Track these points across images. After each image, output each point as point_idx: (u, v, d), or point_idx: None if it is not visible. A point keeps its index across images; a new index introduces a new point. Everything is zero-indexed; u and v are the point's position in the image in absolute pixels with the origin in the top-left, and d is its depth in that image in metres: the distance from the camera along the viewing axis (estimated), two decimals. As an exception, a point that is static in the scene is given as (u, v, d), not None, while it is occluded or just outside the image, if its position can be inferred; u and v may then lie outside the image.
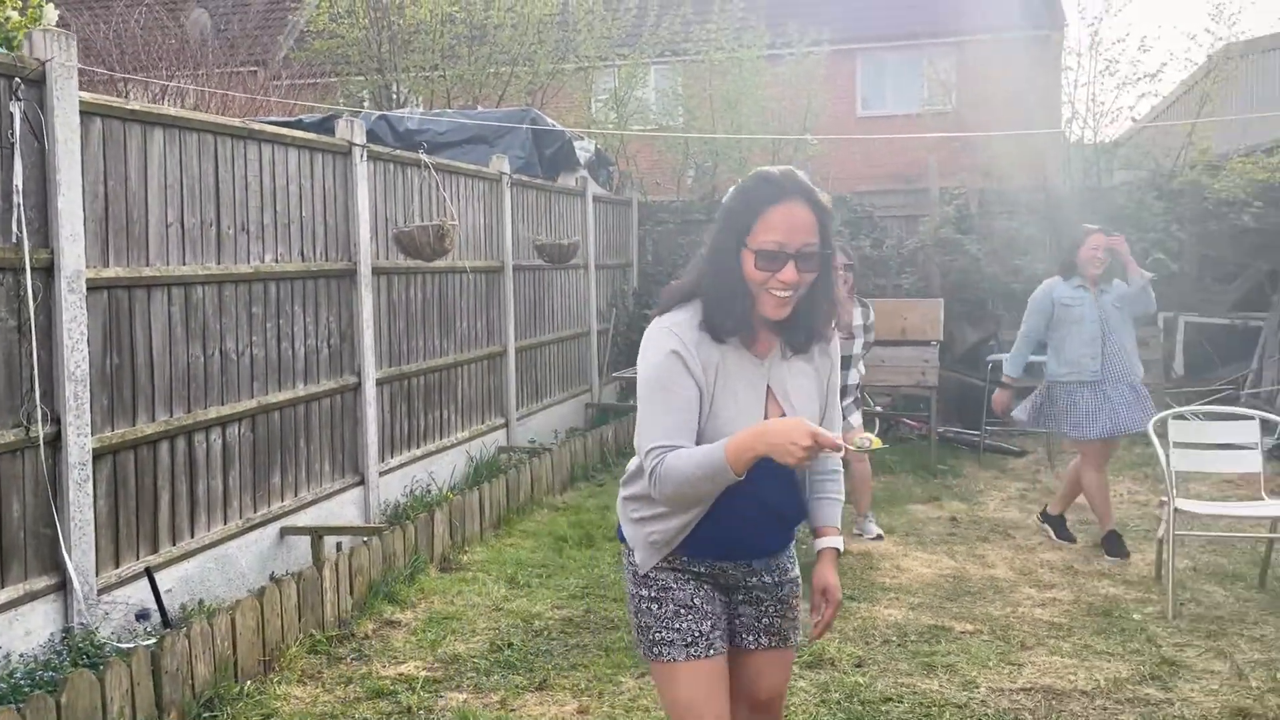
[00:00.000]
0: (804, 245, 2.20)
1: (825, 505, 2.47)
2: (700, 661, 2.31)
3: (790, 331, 2.31)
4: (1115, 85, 11.85)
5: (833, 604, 2.44)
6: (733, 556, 2.36)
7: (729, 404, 2.24)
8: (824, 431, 2.05)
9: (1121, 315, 5.79)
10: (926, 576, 5.45)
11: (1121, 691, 3.96)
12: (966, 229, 10.36)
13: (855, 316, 6.10)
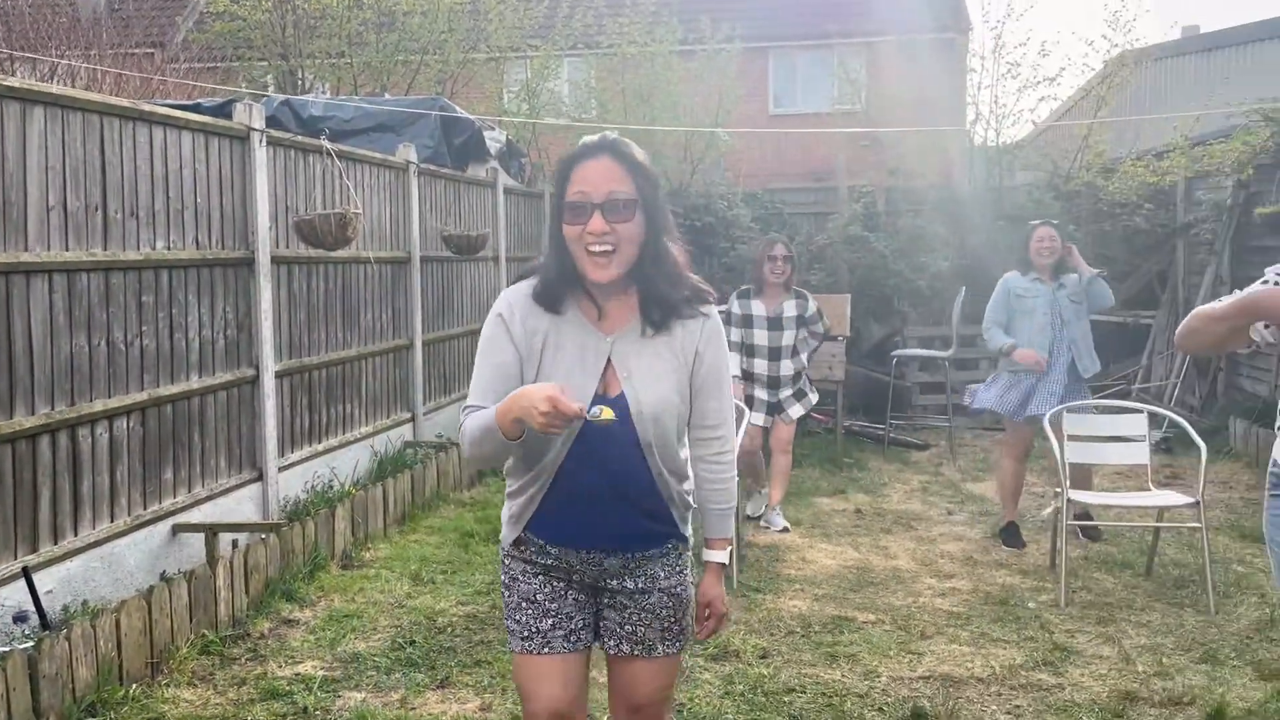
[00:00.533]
0: (610, 194, 2.16)
1: (710, 516, 2.41)
2: (533, 657, 2.32)
3: (644, 307, 2.26)
4: (1017, 88, 12.12)
5: (715, 617, 2.39)
6: (579, 541, 2.28)
7: (558, 374, 2.21)
8: (564, 399, 1.99)
9: (1078, 309, 5.94)
10: (831, 568, 5.52)
11: (1016, 678, 4.05)
12: (874, 226, 10.54)
13: (789, 309, 6.21)
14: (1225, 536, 5.91)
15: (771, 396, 6.33)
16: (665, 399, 2.25)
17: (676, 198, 10.95)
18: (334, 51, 11.45)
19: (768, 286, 6.32)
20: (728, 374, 2.37)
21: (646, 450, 2.24)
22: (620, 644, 2.37)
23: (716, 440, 2.36)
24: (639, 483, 2.26)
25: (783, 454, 6.34)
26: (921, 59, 16.22)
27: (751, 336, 6.31)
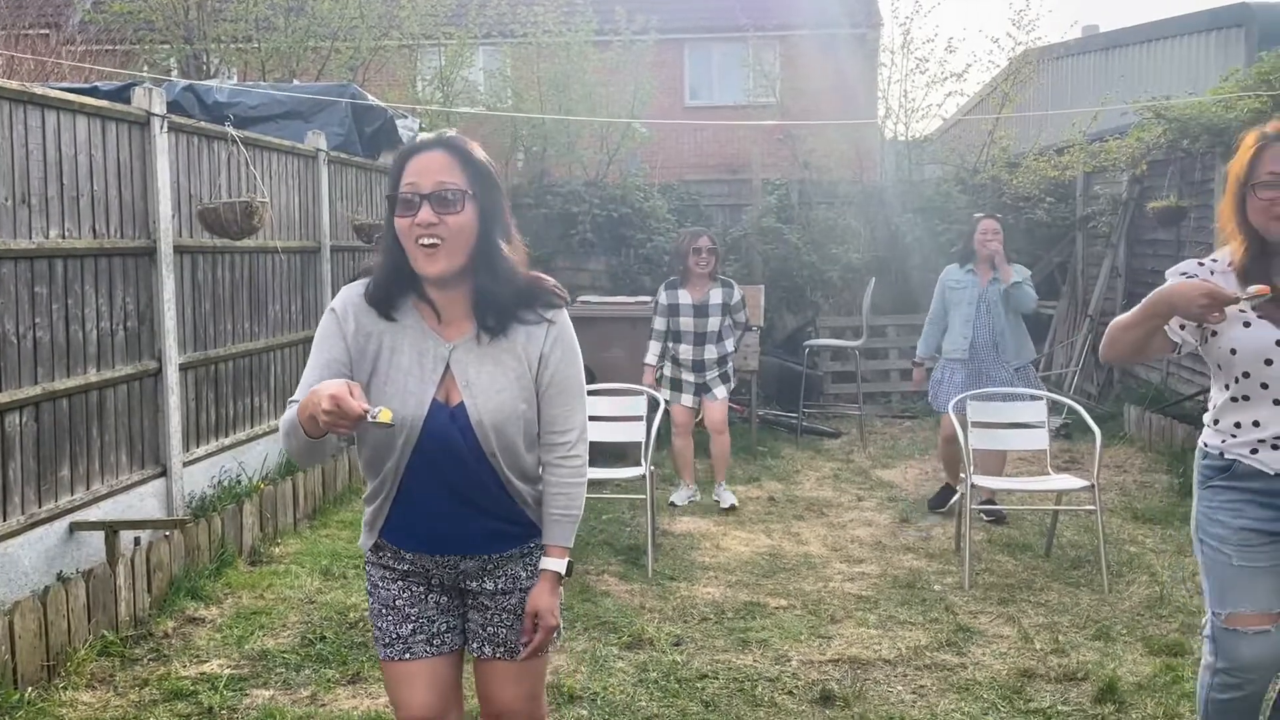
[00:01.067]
0: (438, 186, 2.11)
1: (549, 521, 2.29)
2: (397, 663, 2.28)
3: (477, 310, 2.20)
4: (925, 83, 12.42)
5: (543, 629, 2.26)
6: (431, 547, 2.24)
7: (395, 379, 2.18)
8: (348, 399, 1.89)
9: (1008, 304, 6.16)
10: (744, 555, 5.60)
11: (921, 658, 4.17)
12: (787, 219, 10.68)
13: (715, 296, 6.50)
14: (1119, 518, 6.16)
15: (698, 379, 6.58)
16: (507, 408, 2.19)
17: (593, 189, 10.96)
18: (241, 36, 11.14)
19: (693, 276, 6.55)
20: (578, 380, 2.30)
21: (491, 459, 2.19)
22: (482, 646, 2.31)
23: (563, 445, 2.27)
24: (485, 490, 2.21)
25: (719, 434, 6.66)
26: (834, 53, 16.48)
27: (678, 324, 6.54)
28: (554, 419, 2.27)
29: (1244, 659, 2.62)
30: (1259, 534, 2.62)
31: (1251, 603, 2.60)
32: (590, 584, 5.07)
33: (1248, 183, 2.59)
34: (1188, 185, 8.38)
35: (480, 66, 12.98)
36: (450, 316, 2.22)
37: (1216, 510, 2.69)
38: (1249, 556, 2.61)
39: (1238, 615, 2.61)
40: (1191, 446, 7.30)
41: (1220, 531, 2.66)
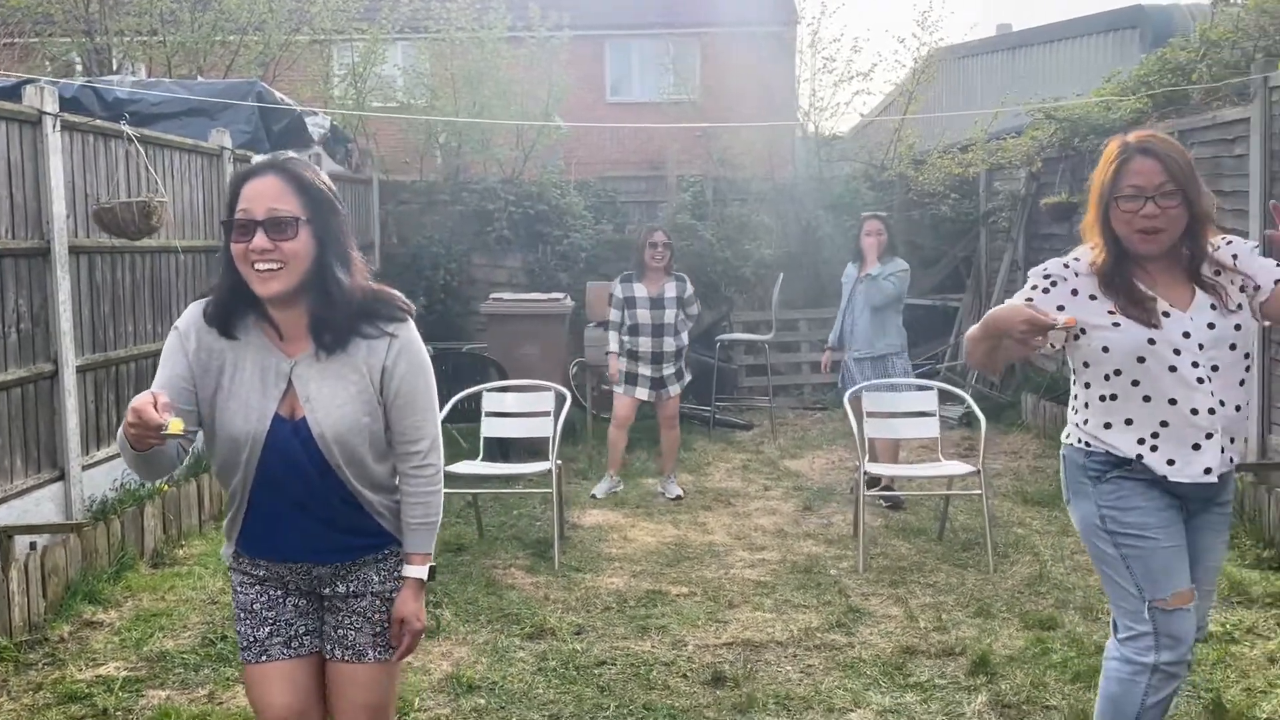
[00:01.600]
0: (271, 212, 2.15)
1: (407, 530, 2.34)
2: (254, 666, 2.34)
3: (313, 328, 2.24)
4: (833, 82, 12.66)
5: (410, 634, 2.33)
6: (282, 555, 2.31)
7: (238, 395, 2.23)
8: (149, 410, 1.94)
9: (869, 296, 6.48)
10: (650, 545, 5.72)
11: (811, 639, 4.33)
12: (702, 215, 10.84)
13: (670, 289, 6.77)
14: (1010, 501, 6.42)
15: (655, 372, 6.75)
16: (348, 420, 2.23)
17: (509, 185, 10.99)
18: (145, 30, 10.93)
19: (649, 271, 6.76)
20: (426, 392, 2.32)
21: (337, 471, 2.24)
22: (333, 648, 2.35)
23: (416, 455, 2.32)
24: (331, 503, 2.26)
25: (670, 429, 6.90)
26: (753, 51, 16.70)
27: (635, 316, 6.73)
28: (404, 430, 2.31)
29: (1188, 637, 2.63)
30: (1176, 512, 2.69)
31: (1184, 580, 2.65)
32: (496, 578, 5.15)
33: (1110, 195, 2.62)
34: (1078, 182, 8.72)
35: (395, 63, 12.91)
36: (291, 334, 2.27)
37: (1129, 497, 2.68)
38: (1173, 535, 2.66)
39: (1181, 594, 2.63)
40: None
41: (1140, 519, 2.66)
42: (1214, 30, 6.75)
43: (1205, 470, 2.63)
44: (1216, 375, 2.62)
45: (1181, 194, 2.58)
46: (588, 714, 3.67)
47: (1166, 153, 2.60)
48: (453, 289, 10.71)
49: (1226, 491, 2.76)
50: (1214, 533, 2.76)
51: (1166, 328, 2.62)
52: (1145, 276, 2.67)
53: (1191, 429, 2.62)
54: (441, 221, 10.90)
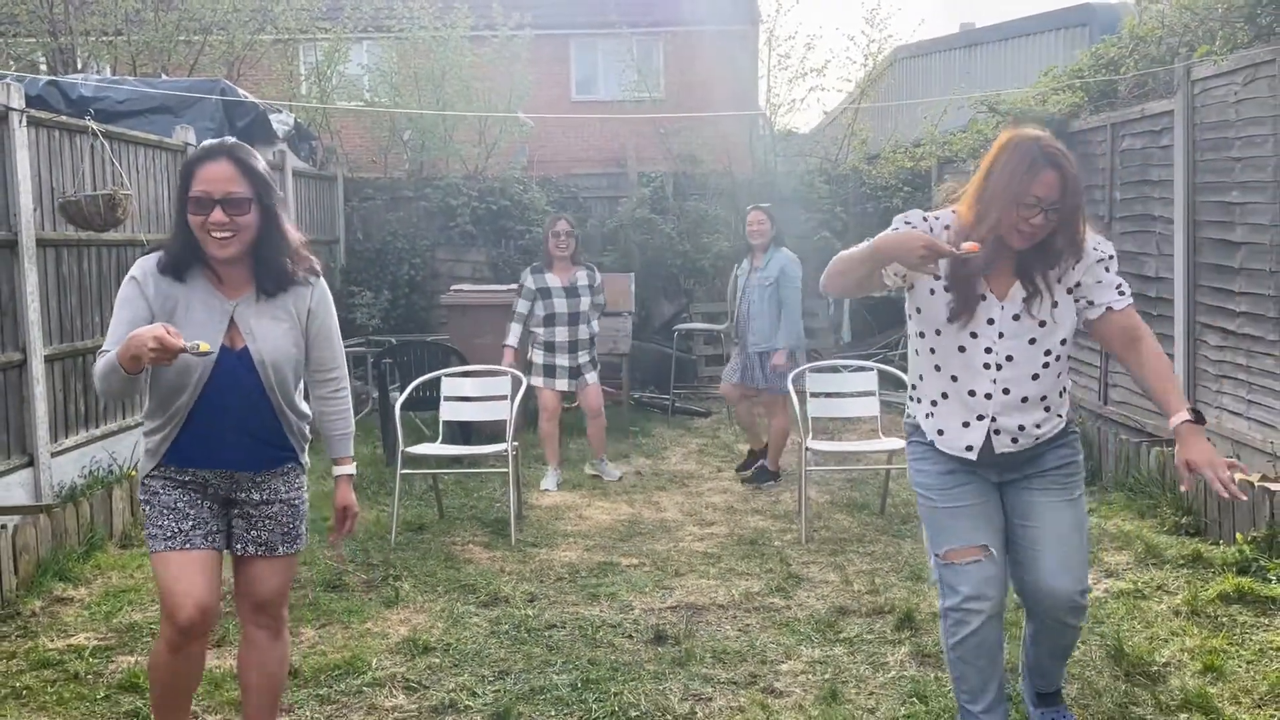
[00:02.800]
0: (228, 193, 2.64)
1: (332, 440, 2.98)
2: (175, 553, 2.73)
3: (258, 278, 2.77)
4: (788, 79, 12.96)
5: (351, 517, 2.99)
6: (211, 463, 2.76)
7: (189, 331, 2.64)
8: (169, 337, 2.44)
9: (765, 291, 6.62)
10: (605, 523, 5.96)
11: (751, 602, 4.58)
12: (662, 210, 11.09)
13: (581, 278, 6.91)
14: (951, 478, 6.70)
15: (572, 361, 6.88)
16: (283, 350, 2.78)
17: (472, 182, 11.19)
18: (110, 29, 11.04)
19: (556, 260, 6.86)
20: (336, 330, 2.92)
21: (270, 392, 2.77)
22: (247, 546, 2.85)
23: (332, 381, 2.93)
24: (262, 419, 2.79)
25: (596, 418, 7.03)
26: (716, 50, 16.97)
27: (551, 306, 6.83)
28: (323, 360, 2.91)
29: (965, 585, 2.81)
30: (965, 475, 2.85)
31: (963, 538, 2.82)
32: (455, 554, 5.36)
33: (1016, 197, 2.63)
34: (1022, 173, 9.03)
35: (358, 62, 13.08)
36: (233, 281, 2.78)
37: (920, 460, 2.92)
38: (954, 497, 2.84)
39: (956, 550, 2.83)
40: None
41: (924, 480, 2.90)
42: (1142, 27, 7.07)
43: (966, 448, 2.80)
44: (1009, 365, 2.74)
45: (1065, 213, 2.67)
46: (535, 669, 3.90)
47: (1068, 172, 2.66)
48: (417, 283, 10.90)
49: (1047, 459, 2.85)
50: (1043, 497, 2.84)
51: (974, 310, 2.74)
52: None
53: (963, 407, 2.79)
54: (406, 217, 11.09)
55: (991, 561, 2.84)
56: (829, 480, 6.63)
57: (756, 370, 6.66)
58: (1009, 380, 2.76)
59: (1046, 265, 2.74)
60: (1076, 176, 2.69)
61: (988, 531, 2.86)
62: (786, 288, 6.58)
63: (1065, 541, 2.84)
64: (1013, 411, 2.78)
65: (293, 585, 3.05)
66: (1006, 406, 2.77)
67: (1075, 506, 2.89)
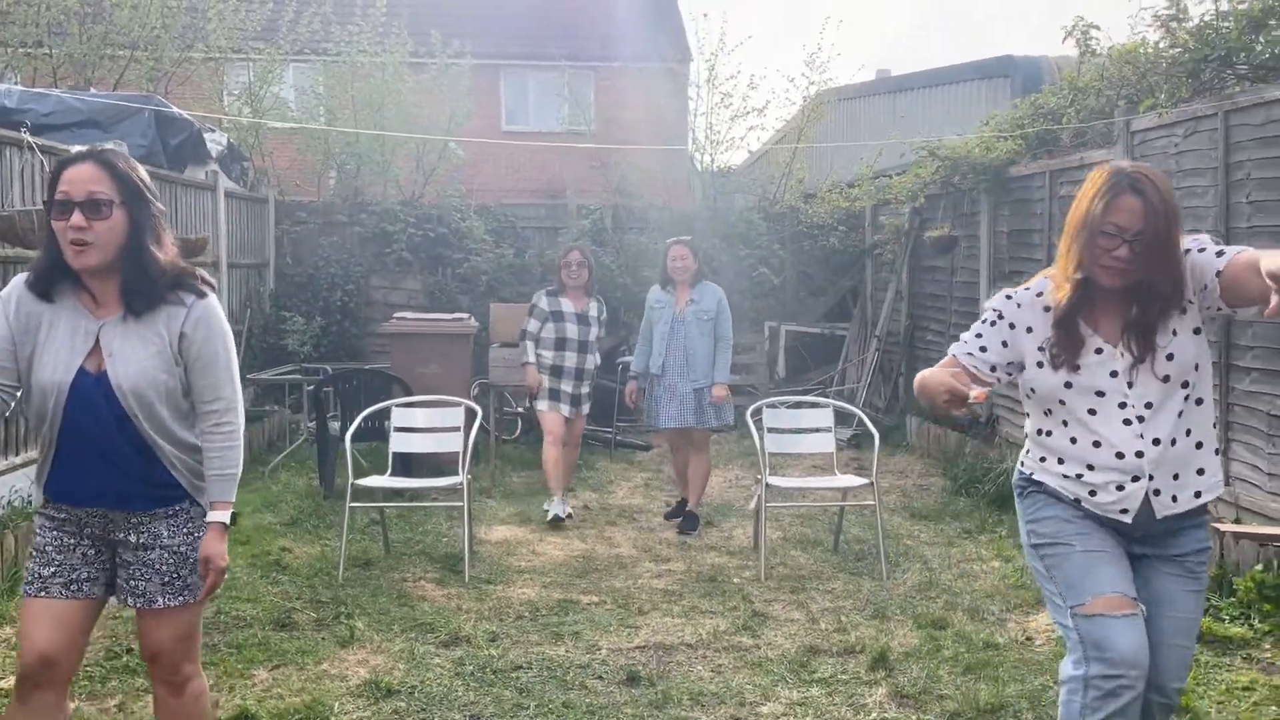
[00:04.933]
0: (90, 195, 2.47)
1: (211, 482, 2.63)
2: (33, 600, 2.58)
3: (124, 295, 2.55)
4: (729, 117, 13.10)
5: (214, 572, 2.61)
6: (81, 499, 2.57)
7: (50, 350, 2.53)
8: None
9: (701, 326, 6.47)
10: (559, 558, 5.83)
11: (720, 641, 4.51)
12: (602, 242, 11.06)
13: (593, 309, 6.92)
14: (899, 516, 6.75)
15: (575, 389, 6.81)
16: (148, 376, 2.53)
17: (409, 208, 11.00)
18: (30, 41, 10.59)
19: (569, 289, 6.82)
20: (224, 357, 2.63)
21: (133, 421, 2.53)
22: (125, 596, 2.64)
23: (213, 414, 2.62)
24: (125, 452, 2.55)
25: (574, 448, 6.99)
26: (648, 86, 17.10)
27: (564, 330, 6.77)
28: (201, 390, 2.62)
29: (1119, 647, 2.42)
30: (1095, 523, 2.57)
31: (1108, 585, 2.48)
32: (407, 590, 5.17)
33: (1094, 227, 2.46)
34: (959, 217, 9.27)
35: (291, 83, 12.80)
36: (104, 300, 2.58)
37: (1044, 508, 2.63)
38: (1092, 542, 2.55)
39: (1105, 599, 2.47)
40: (961, 453, 8.08)
41: (1055, 527, 2.60)
42: (1082, 79, 7.32)
43: (1121, 511, 2.53)
44: (1150, 412, 2.49)
45: (1154, 246, 2.43)
46: (508, 714, 3.76)
47: (1154, 200, 2.43)
48: (350, 310, 10.64)
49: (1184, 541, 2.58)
50: (1179, 585, 2.57)
51: (1090, 368, 2.52)
52: (1092, 312, 2.57)
53: (1117, 472, 2.52)
54: (339, 242, 10.84)
55: (1143, 625, 2.48)
56: (780, 516, 6.61)
57: (701, 408, 6.44)
58: (1154, 429, 2.49)
59: (1156, 315, 2.50)
60: (1170, 205, 2.44)
61: (1134, 589, 2.52)
62: (725, 322, 6.51)
63: (1188, 636, 2.59)
64: (1169, 461, 2.50)
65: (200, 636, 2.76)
66: (1162, 457, 2.49)
67: (1202, 599, 2.63)
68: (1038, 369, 2.59)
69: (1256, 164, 5.44)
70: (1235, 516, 5.62)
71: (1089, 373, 2.53)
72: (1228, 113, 5.61)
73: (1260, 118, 5.40)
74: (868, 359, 10.62)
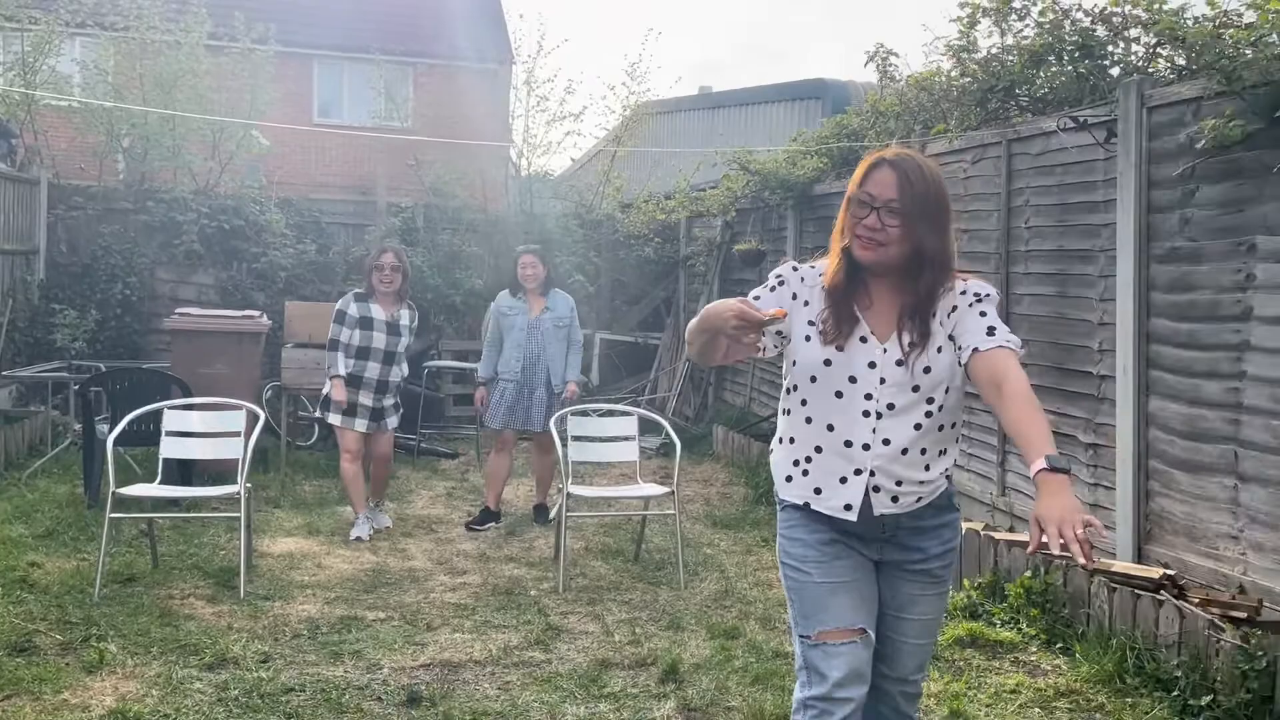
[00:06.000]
0: None
1: None
2: None
3: None
4: (546, 121, 12.98)
5: None
6: None
7: None
8: None
9: (558, 333, 6.60)
10: (346, 572, 5.51)
11: (510, 657, 4.34)
12: (413, 242, 10.71)
13: (404, 317, 6.45)
14: (701, 525, 6.77)
15: (376, 403, 6.38)
16: None
17: (202, 197, 10.33)
18: None
19: (379, 295, 6.36)
20: None
21: None
22: None
23: None
24: None
25: (384, 464, 6.57)
26: (468, 86, 16.80)
27: (370, 339, 6.33)
28: None
29: (834, 675, 2.46)
30: (843, 548, 2.53)
31: (837, 619, 2.49)
32: (173, 608, 4.76)
33: (853, 197, 2.48)
34: (767, 231, 9.46)
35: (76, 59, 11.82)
36: None
37: (795, 527, 2.57)
38: (832, 572, 2.51)
39: (829, 631, 2.49)
40: (764, 462, 8.21)
41: (801, 551, 2.55)
42: (882, 103, 7.59)
43: (845, 506, 2.49)
44: (890, 414, 2.46)
45: (906, 217, 2.41)
46: (272, 742, 3.48)
47: (909, 171, 2.43)
48: (132, 304, 9.88)
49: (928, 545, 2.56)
50: (922, 591, 2.57)
51: (851, 352, 2.48)
52: (866, 298, 2.53)
53: (841, 459, 2.49)
54: (122, 231, 10.05)
55: (867, 647, 2.51)
56: (583, 526, 6.51)
57: (551, 410, 6.43)
58: (889, 430, 2.47)
59: (926, 303, 2.48)
60: (920, 183, 2.42)
61: (865, 613, 2.53)
62: (576, 328, 6.72)
63: (929, 635, 2.63)
64: (893, 464, 2.47)
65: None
66: (886, 459, 2.47)
67: (944, 598, 2.66)
68: (804, 343, 2.53)
69: (1034, 191, 5.76)
70: (1010, 525, 5.92)
71: (849, 356, 2.49)
72: (1010, 141, 5.91)
73: (1038, 147, 5.71)
74: (679, 368, 10.70)
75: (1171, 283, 4.77)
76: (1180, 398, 4.71)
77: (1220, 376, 4.50)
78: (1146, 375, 4.91)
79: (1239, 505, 4.41)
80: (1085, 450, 5.35)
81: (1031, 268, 5.80)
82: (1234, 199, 4.43)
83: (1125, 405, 4.98)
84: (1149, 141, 4.85)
